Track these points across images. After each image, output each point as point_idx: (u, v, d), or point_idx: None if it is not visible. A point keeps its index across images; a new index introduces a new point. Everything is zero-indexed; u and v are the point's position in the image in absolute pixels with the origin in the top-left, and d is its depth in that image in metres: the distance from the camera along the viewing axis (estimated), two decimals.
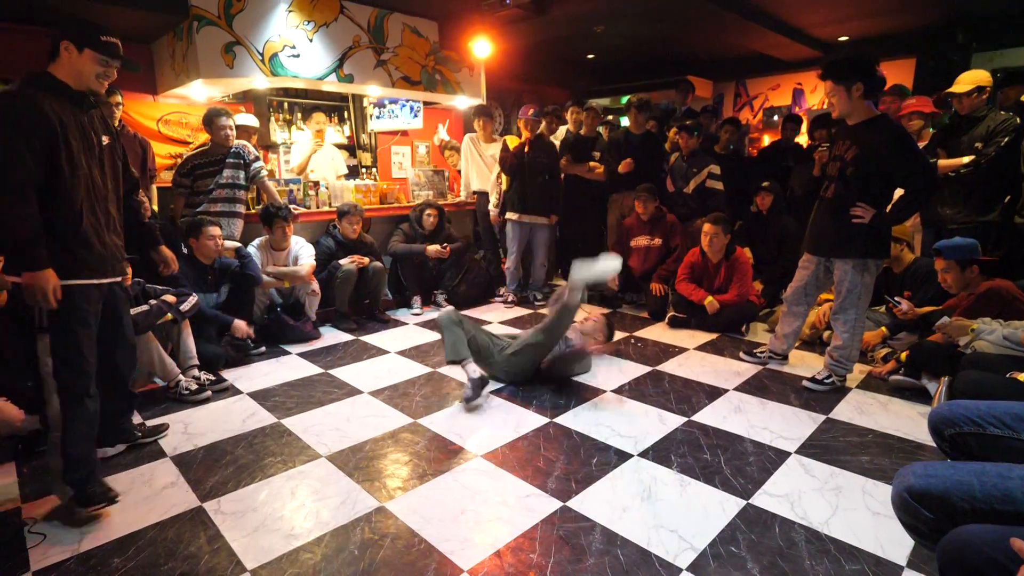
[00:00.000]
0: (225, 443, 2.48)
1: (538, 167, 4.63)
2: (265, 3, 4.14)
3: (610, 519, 1.91)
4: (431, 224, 4.62)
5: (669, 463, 2.26)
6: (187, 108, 4.90)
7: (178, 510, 1.99)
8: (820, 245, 2.97)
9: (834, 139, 2.97)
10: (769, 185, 4.40)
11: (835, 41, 6.38)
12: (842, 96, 2.71)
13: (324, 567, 1.70)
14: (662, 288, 4.35)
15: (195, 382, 2.97)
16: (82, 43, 1.91)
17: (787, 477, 2.15)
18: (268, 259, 3.91)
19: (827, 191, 2.91)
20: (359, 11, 4.62)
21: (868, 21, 5.65)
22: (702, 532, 1.83)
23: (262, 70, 4.17)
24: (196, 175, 3.81)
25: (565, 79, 8.20)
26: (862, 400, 2.86)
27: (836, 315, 2.95)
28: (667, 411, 2.75)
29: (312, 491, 2.10)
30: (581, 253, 5.40)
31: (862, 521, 1.88)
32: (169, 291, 3.01)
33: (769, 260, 4.46)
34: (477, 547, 1.77)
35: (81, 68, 1.92)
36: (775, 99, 7.54)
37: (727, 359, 3.48)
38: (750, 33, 5.76)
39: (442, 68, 5.27)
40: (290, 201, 4.35)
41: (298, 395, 2.99)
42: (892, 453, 2.32)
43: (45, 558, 1.76)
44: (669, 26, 5.75)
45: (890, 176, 2.73)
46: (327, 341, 3.92)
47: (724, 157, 5.01)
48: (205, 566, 1.71)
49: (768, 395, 2.93)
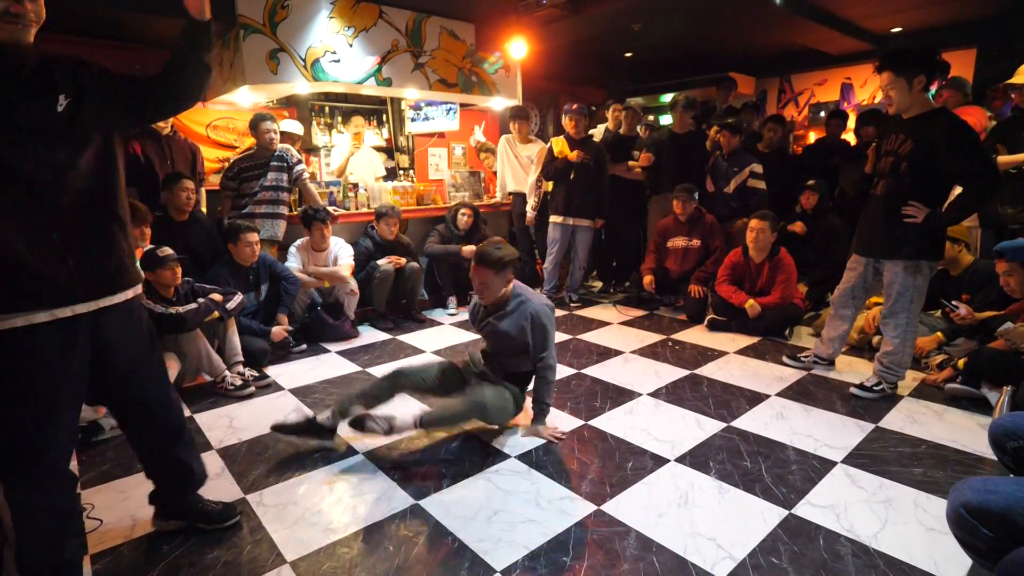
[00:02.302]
0: (267, 437, 2.55)
1: (586, 169, 4.58)
2: (308, 10, 4.26)
3: (645, 524, 1.87)
4: (466, 225, 4.65)
5: (707, 469, 2.21)
6: (234, 114, 5.08)
7: (223, 501, 2.06)
8: (869, 246, 2.85)
9: (884, 134, 2.85)
10: (815, 183, 4.25)
11: (887, 33, 6.10)
12: (902, 89, 2.58)
13: (360, 561, 1.73)
14: (701, 290, 4.26)
15: (240, 378, 3.07)
16: None
17: (832, 487, 2.07)
18: (309, 259, 4.01)
19: (878, 187, 2.78)
20: (397, 15, 4.70)
21: (925, 11, 5.38)
22: (741, 541, 1.78)
23: (304, 75, 4.28)
24: (242, 178, 3.95)
25: (602, 78, 8.12)
26: (915, 409, 2.72)
27: (886, 319, 2.82)
28: (705, 416, 2.68)
29: (350, 487, 2.15)
30: (619, 254, 5.42)
31: (914, 536, 1.79)
32: (217, 290, 3.13)
33: (814, 261, 4.31)
34: (510, 548, 1.77)
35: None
36: (822, 95, 7.27)
37: (769, 363, 3.38)
38: (796, 27, 5.57)
39: (478, 70, 5.30)
40: (330, 203, 4.46)
41: (337, 392, 3.06)
42: (947, 466, 2.20)
43: (101, 542, 1.85)
44: (710, 22, 5.62)
45: (947, 173, 2.59)
46: (365, 340, 3.99)
47: (766, 155, 4.87)
48: (248, 556, 1.77)
49: (813, 401, 2.82)
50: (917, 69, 2.53)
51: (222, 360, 3.08)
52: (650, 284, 4.47)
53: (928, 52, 2.55)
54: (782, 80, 7.61)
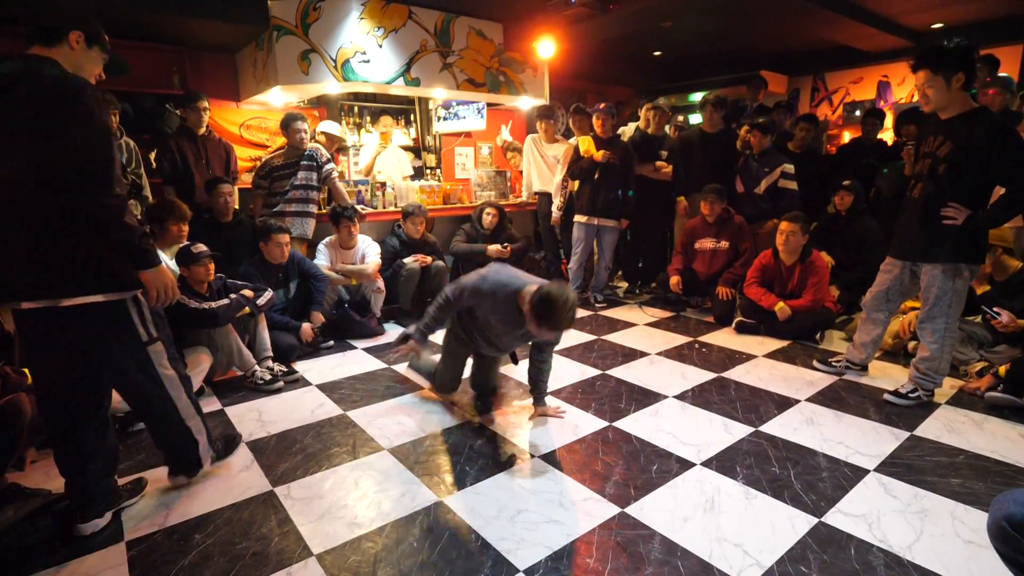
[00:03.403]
0: (295, 432, 2.60)
1: (611, 169, 4.54)
2: (339, 12, 4.32)
3: (670, 528, 1.85)
4: (491, 224, 4.67)
5: (734, 474, 2.17)
6: (266, 114, 5.19)
7: (252, 493, 2.11)
8: (907, 248, 2.76)
9: (922, 134, 2.75)
10: (850, 184, 4.14)
11: (927, 29, 5.91)
12: (940, 87, 2.48)
13: (385, 556, 1.75)
14: (729, 292, 4.19)
15: (269, 373, 3.14)
16: (94, 40, 1.79)
17: (865, 496, 2.02)
18: (337, 257, 4.08)
19: (915, 190, 2.70)
20: (426, 16, 4.74)
21: (968, 6, 5.20)
22: (769, 548, 1.75)
23: (335, 76, 4.35)
24: (273, 177, 4.04)
25: (630, 77, 8.06)
26: (952, 417, 2.63)
27: (923, 324, 2.73)
28: (733, 420, 2.64)
29: (374, 482, 2.17)
30: (645, 255, 5.37)
31: (951, 549, 1.73)
32: (248, 286, 3.20)
33: (848, 264, 4.20)
34: (533, 548, 1.77)
35: (84, 65, 1.77)
36: (857, 93, 7.08)
37: (799, 368, 3.31)
38: (831, 24, 5.43)
39: (506, 69, 5.31)
40: (358, 201, 4.52)
41: (363, 388, 3.10)
42: (988, 477, 2.13)
43: (136, 530, 1.91)
44: (742, 19, 5.53)
45: (988, 174, 2.50)
46: (391, 337, 4.03)
47: (797, 155, 4.76)
48: (275, 547, 1.80)
49: (844, 407, 2.75)
50: (955, 67, 2.43)
51: (252, 355, 3.16)
52: (676, 285, 4.41)
53: (967, 49, 2.44)
54: (815, 78, 7.44)
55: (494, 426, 2.62)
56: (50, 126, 1.59)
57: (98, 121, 1.64)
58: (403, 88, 4.81)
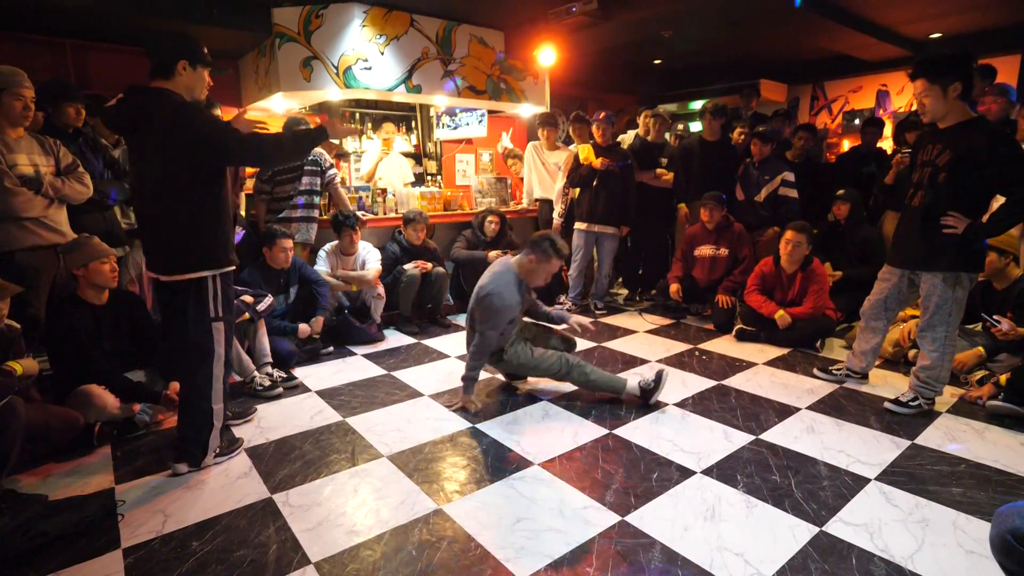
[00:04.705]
0: (294, 438, 2.59)
1: (611, 176, 4.55)
2: (341, 19, 4.35)
3: (671, 537, 1.84)
4: (493, 231, 4.67)
5: (735, 483, 2.16)
6: (268, 119, 5.20)
7: (250, 500, 2.10)
8: (906, 257, 2.76)
9: (919, 144, 2.76)
10: (845, 193, 4.14)
11: (926, 39, 5.94)
12: (937, 96, 2.50)
13: (383, 565, 1.74)
14: (729, 300, 4.18)
15: (268, 379, 3.13)
16: (196, 60, 2.09)
17: (866, 505, 2.01)
18: (337, 263, 4.08)
19: (914, 200, 2.70)
20: (428, 23, 4.77)
21: (967, 16, 5.23)
22: (770, 558, 1.74)
23: (336, 83, 4.37)
24: (276, 182, 4.04)
25: (630, 85, 8.08)
26: (953, 426, 2.63)
27: (923, 332, 2.73)
28: (733, 428, 2.63)
29: (373, 490, 2.16)
30: (645, 262, 5.36)
31: (953, 559, 1.72)
32: (248, 292, 3.20)
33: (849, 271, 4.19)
34: (533, 556, 1.76)
35: (195, 84, 2.12)
36: (856, 102, 7.11)
37: (799, 376, 3.30)
38: (830, 33, 5.46)
39: (507, 77, 5.34)
40: (359, 207, 4.53)
41: (362, 395, 3.09)
42: (989, 486, 2.12)
43: (134, 536, 1.90)
44: (741, 29, 5.56)
45: (988, 183, 2.50)
46: (391, 343, 4.03)
47: (796, 164, 4.77)
48: (273, 555, 1.79)
49: (845, 416, 2.74)
50: (952, 76, 2.45)
51: (251, 361, 3.15)
52: (676, 292, 4.41)
53: (964, 58, 2.46)
54: (815, 87, 7.47)
55: (493, 433, 2.61)
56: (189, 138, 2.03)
57: (211, 118, 2.14)
58: (405, 95, 4.83)
